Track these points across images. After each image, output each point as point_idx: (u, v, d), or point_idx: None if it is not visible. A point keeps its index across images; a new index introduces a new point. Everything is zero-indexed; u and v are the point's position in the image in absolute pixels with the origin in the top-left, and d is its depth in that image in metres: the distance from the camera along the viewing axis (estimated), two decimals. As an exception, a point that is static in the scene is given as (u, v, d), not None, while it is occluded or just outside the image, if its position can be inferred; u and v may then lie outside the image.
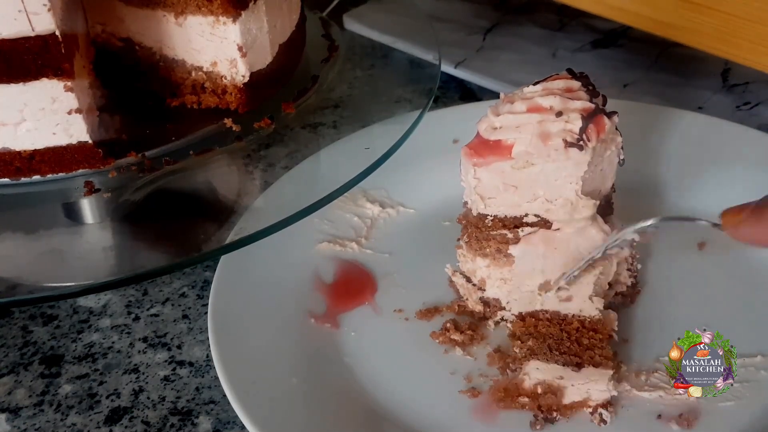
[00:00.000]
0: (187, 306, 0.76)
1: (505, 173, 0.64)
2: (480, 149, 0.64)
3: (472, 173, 0.65)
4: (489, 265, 0.69)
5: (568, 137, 0.62)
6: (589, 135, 0.62)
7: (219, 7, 0.71)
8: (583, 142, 0.62)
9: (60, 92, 0.65)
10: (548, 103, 0.63)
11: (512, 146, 0.63)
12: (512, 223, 0.67)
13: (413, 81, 0.93)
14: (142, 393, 0.69)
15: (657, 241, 0.75)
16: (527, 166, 0.63)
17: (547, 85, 0.64)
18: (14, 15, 0.62)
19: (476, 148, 0.64)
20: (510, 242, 0.67)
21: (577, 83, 0.65)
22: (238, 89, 0.75)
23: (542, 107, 0.63)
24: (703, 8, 0.83)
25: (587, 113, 0.62)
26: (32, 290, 0.70)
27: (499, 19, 1.09)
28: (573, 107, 0.62)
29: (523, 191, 0.65)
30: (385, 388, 0.66)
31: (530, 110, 0.63)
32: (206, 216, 0.81)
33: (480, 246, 0.68)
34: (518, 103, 0.64)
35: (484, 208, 0.67)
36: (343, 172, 0.71)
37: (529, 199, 0.65)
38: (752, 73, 0.87)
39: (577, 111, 0.62)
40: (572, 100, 0.63)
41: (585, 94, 0.64)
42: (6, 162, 0.67)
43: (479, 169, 0.64)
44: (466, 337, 0.69)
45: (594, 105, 0.63)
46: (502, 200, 0.66)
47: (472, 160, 0.64)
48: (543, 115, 0.62)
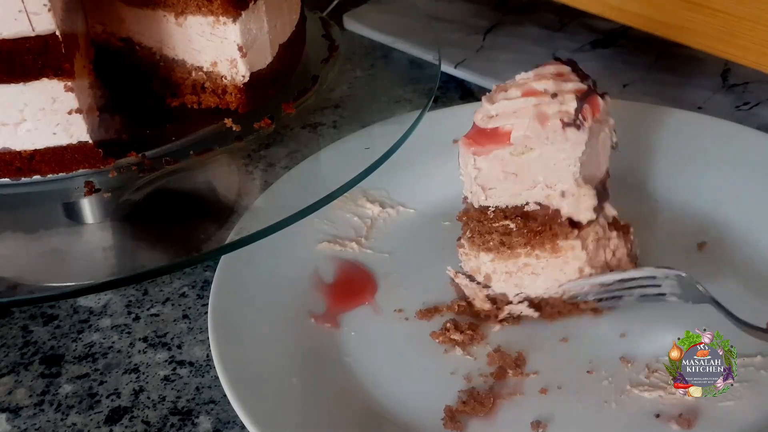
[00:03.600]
0: (187, 306, 0.76)
1: (505, 160, 0.64)
2: (478, 138, 0.64)
3: (472, 163, 0.65)
4: (493, 259, 0.69)
5: (565, 118, 0.62)
6: (585, 114, 0.62)
7: (219, 7, 0.71)
8: (579, 122, 0.62)
9: (60, 92, 0.65)
10: (542, 87, 0.63)
11: (510, 132, 0.63)
12: (513, 212, 0.67)
13: (413, 81, 0.93)
14: (143, 393, 0.69)
15: (657, 241, 0.75)
16: (526, 151, 0.64)
17: (539, 71, 0.65)
18: (14, 15, 0.62)
19: (474, 137, 0.65)
20: (560, 237, 0.67)
21: (566, 68, 0.66)
22: (238, 89, 0.75)
23: (537, 91, 0.63)
24: (703, 8, 0.83)
25: (581, 94, 0.63)
26: (32, 290, 0.70)
27: (499, 19, 1.09)
28: (567, 89, 0.63)
29: (523, 178, 0.65)
30: (385, 387, 0.66)
31: (525, 95, 0.63)
32: (206, 216, 0.81)
33: (483, 240, 0.68)
34: (512, 90, 0.64)
35: (485, 200, 0.67)
36: (343, 172, 0.71)
37: (529, 187, 0.65)
38: (752, 73, 0.87)
39: (571, 92, 0.63)
40: (565, 83, 0.64)
41: (576, 77, 0.65)
42: (6, 162, 0.67)
43: (479, 159, 0.64)
44: (466, 337, 0.69)
45: (587, 86, 0.64)
46: (502, 189, 0.66)
47: (471, 150, 0.64)
48: (538, 98, 0.63)
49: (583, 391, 0.64)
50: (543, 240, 0.67)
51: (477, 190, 0.66)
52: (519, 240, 0.67)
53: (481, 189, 0.66)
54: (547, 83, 0.63)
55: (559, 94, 0.63)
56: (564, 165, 0.64)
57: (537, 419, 0.62)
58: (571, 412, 0.63)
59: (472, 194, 0.67)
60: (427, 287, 0.73)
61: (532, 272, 0.69)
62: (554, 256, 0.68)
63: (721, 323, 0.61)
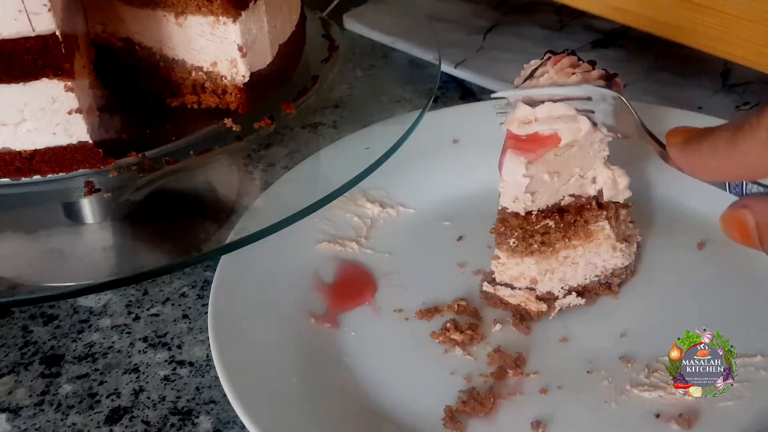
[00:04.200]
0: (187, 306, 0.76)
1: (549, 162, 0.64)
2: (527, 145, 0.64)
3: (523, 172, 0.64)
4: (537, 261, 0.69)
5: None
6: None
7: (219, 7, 0.71)
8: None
9: (60, 92, 0.65)
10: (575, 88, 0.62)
11: (554, 135, 0.62)
12: (551, 210, 0.67)
13: (413, 81, 0.93)
14: (143, 393, 0.69)
15: (657, 241, 0.75)
16: (568, 149, 0.64)
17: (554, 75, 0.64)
18: (14, 15, 0.62)
19: (522, 145, 0.64)
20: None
21: (573, 57, 0.65)
22: (239, 89, 0.75)
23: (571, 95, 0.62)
24: (704, 8, 0.83)
25: (604, 78, 0.63)
26: (32, 290, 0.70)
27: (499, 19, 1.09)
28: (593, 78, 0.63)
29: (563, 174, 0.66)
30: (385, 387, 0.66)
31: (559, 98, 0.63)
32: (206, 216, 0.81)
33: (526, 245, 0.68)
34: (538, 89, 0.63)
35: (531, 204, 0.66)
36: (343, 172, 0.71)
37: (565, 181, 0.66)
38: (752, 73, 0.87)
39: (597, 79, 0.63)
40: (586, 73, 0.63)
41: (587, 65, 0.64)
42: (6, 162, 0.67)
43: (531, 166, 0.64)
44: (466, 337, 0.69)
45: (604, 70, 0.64)
46: (545, 190, 0.66)
47: (522, 158, 0.64)
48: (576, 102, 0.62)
49: (583, 391, 0.64)
50: (577, 229, 0.68)
51: (525, 197, 0.66)
52: (557, 235, 0.68)
53: (529, 195, 0.66)
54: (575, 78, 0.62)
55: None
56: (596, 152, 0.65)
57: (537, 419, 0.62)
58: (571, 412, 0.63)
59: (515, 202, 0.66)
60: (427, 287, 0.73)
61: (572, 263, 0.69)
62: (588, 240, 0.68)
63: (722, 323, 0.61)
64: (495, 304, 0.71)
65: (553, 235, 0.68)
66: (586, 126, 0.62)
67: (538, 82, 0.64)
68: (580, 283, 0.70)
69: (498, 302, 0.71)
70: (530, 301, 0.70)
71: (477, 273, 0.74)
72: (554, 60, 0.65)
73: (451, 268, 0.75)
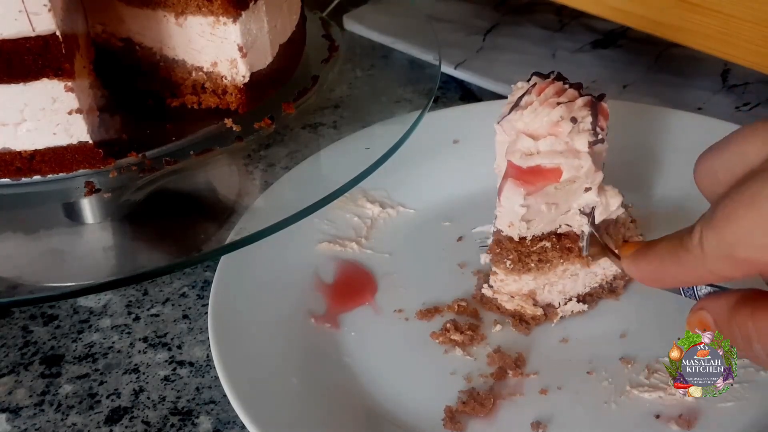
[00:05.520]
0: (187, 306, 0.76)
1: (549, 194, 0.64)
2: (528, 177, 0.64)
3: (520, 202, 0.64)
4: (535, 277, 0.69)
5: (590, 138, 0.62)
6: (602, 125, 0.62)
7: (219, 7, 0.71)
8: (601, 136, 0.62)
9: (60, 92, 0.65)
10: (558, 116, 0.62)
11: (556, 169, 0.63)
12: (548, 235, 0.67)
13: (413, 81, 0.93)
14: (143, 393, 0.69)
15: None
16: (569, 183, 0.64)
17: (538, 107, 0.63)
18: (14, 15, 0.62)
19: (523, 177, 0.64)
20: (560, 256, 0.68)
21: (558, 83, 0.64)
22: (239, 89, 0.75)
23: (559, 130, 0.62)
24: (703, 9, 0.83)
25: (589, 105, 0.63)
26: (32, 290, 0.70)
27: (499, 19, 1.09)
28: (579, 107, 0.63)
29: (561, 207, 0.66)
30: (385, 388, 0.66)
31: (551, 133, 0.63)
32: (206, 216, 0.81)
33: (523, 264, 0.68)
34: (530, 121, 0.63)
35: (526, 230, 0.67)
36: (343, 172, 0.71)
37: (563, 212, 0.66)
38: (752, 73, 0.87)
39: (583, 108, 0.63)
40: (573, 101, 0.63)
41: (573, 91, 0.64)
42: (6, 162, 0.67)
43: (530, 197, 0.64)
44: (466, 337, 0.69)
45: (589, 95, 0.63)
46: (541, 219, 0.66)
47: (522, 190, 0.64)
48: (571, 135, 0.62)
49: (583, 391, 0.64)
50: (574, 256, 0.68)
51: (521, 225, 0.66)
52: (554, 254, 0.68)
53: (525, 223, 0.66)
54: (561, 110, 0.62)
55: (578, 118, 0.62)
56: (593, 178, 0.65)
57: (537, 419, 0.62)
58: (571, 413, 0.63)
59: (510, 227, 0.67)
60: (427, 287, 0.73)
61: (571, 275, 0.69)
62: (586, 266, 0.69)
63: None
64: (491, 308, 0.71)
65: (550, 253, 0.68)
66: (587, 163, 0.62)
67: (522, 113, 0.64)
68: (580, 292, 0.70)
69: (494, 308, 0.71)
70: (527, 306, 0.70)
71: (477, 273, 0.74)
72: (539, 88, 0.64)
73: (451, 269, 0.75)
